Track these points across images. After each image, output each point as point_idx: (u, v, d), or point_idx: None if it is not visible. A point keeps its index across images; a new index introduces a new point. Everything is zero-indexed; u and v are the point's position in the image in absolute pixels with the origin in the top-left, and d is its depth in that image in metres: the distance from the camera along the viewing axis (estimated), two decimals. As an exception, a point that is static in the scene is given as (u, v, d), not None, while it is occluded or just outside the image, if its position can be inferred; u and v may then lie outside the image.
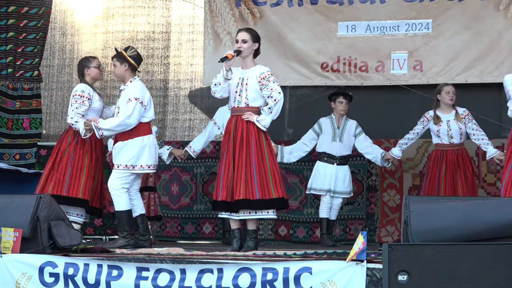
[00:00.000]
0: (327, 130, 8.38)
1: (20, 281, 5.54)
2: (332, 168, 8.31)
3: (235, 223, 6.64)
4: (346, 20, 9.41)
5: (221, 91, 6.63)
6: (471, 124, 7.97)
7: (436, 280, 4.57)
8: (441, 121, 8.00)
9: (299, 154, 8.45)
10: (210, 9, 9.79)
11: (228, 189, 6.49)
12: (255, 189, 6.44)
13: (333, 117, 8.42)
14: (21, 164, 9.78)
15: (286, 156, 8.40)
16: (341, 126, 8.40)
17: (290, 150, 8.42)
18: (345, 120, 8.41)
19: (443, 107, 8.05)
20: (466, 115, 8.00)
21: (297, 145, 8.47)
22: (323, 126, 8.40)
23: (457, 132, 7.97)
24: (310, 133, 8.44)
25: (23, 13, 10.09)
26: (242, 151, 6.51)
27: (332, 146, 8.35)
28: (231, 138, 6.58)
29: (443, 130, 7.99)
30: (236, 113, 6.64)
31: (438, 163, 7.99)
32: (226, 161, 6.55)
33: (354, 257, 4.92)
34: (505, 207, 5.14)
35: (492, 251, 4.59)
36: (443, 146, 8.02)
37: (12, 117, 10.08)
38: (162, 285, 5.30)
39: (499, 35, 8.97)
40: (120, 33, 10.28)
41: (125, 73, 7.14)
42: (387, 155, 8.27)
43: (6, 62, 10.07)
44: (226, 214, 6.58)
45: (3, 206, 5.95)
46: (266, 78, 6.58)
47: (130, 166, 7.00)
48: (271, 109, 6.56)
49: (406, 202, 5.21)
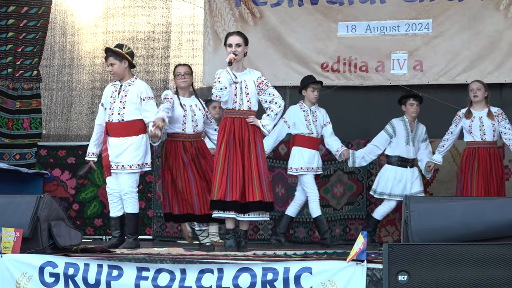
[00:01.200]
0: (401, 132, 8.30)
1: (21, 281, 5.54)
2: (407, 172, 8.25)
3: (232, 223, 6.65)
4: (346, 20, 9.41)
5: (227, 95, 6.63)
6: (504, 122, 7.93)
7: (436, 280, 4.57)
8: (473, 117, 7.98)
9: (370, 158, 8.40)
10: (210, 9, 9.79)
11: (239, 190, 6.50)
12: (265, 191, 6.55)
13: (405, 119, 8.34)
14: (21, 164, 9.78)
15: (358, 161, 8.34)
16: (414, 130, 8.34)
17: (362, 154, 8.35)
18: (416, 124, 8.38)
19: (475, 105, 8.03)
20: (500, 113, 7.98)
21: (369, 149, 8.38)
22: (397, 128, 8.32)
23: (490, 128, 7.95)
24: (383, 136, 8.34)
25: (23, 13, 10.09)
26: (251, 154, 6.57)
27: (407, 150, 8.28)
28: (237, 139, 6.59)
29: (475, 126, 7.96)
30: (238, 115, 6.66)
31: (470, 161, 7.94)
32: (233, 163, 6.54)
33: (355, 257, 4.92)
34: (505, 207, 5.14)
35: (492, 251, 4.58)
36: (475, 143, 7.97)
37: (12, 117, 10.08)
38: (162, 285, 5.30)
39: (499, 35, 8.97)
40: (120, 33, 10.28)
41: (125, 71, 7.11)
42: (429, 162, 8.22)
43: (6, 62, 10.07)
44: (232, 214, 6.57)
45: (3, 206, 5.95)
46: (264, 83, 6.71)
47: (141, 165, 6.99)
48: (277, 115, 6.71)
49: (406, 202, 5.22)
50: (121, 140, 6.98)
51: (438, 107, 8.91)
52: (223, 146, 6.61)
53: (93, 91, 10.37)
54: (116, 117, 7.00)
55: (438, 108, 8.91)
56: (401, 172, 8.25)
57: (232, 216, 6.58)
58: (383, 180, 8.31)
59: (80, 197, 9.74)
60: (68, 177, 9.78)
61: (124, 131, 6.98)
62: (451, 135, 8.13)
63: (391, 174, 8.27)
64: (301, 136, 8.32)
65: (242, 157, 6.55)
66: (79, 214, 9.67)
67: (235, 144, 6.58)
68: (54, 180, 9.79)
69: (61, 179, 9.79)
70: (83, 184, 9.73)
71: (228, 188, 6.51)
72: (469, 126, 7.95)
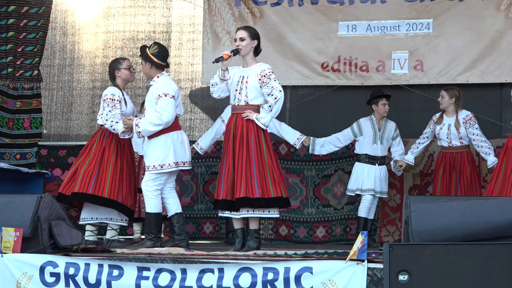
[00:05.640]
0: (368, 131, 8.35)
1: (21, 281, 5.54)
2: (375, 168, 8.29)
3: (238, 223, 6.63)
4: (347, 20, 9.40)
5: (218, 91, 6.62)
6: (472, 129, 7.96)
7: (437, 280, 4.57)
8: (443, 124, 8.04)
9: (330, 148, 8.44)
10: (209, 9, 9.78)
11: (228, 188, 6.48)
12: (255, 187, 6.44)
13: (373, 118, 8.39)
14: (21, 164, 9.78)
15: (317, 148, 8.39)
16: (382, 128, 8.38)
17: (323, 143, 8.41)
18: (385, 122, 8.41)
19: (446, 111, 8.12)
20: (468, 119, 8.00)
21: (330, 138, 8.45)
22: (363, 127, 8.38)
23: (456, 136, 8.00)
24: (348, 133, 8.41)
25: (23, 13, 10.09)
26: (242, 150, 6.51)
27: (374, 148, 8.33)
28: (231, 137, 6.58)
29: (443, 133, 8.04)
30: (236, 111, 6.65)
31: (438, 164, 8.11)
32: (226, 160, 6.55)
33: (354, 256, 4.93)
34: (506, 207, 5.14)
35: (492, 251, 4.59)
36: (444, 148, 8.10)
37: (12, 117, 10.08)
38: (163, 285, 5.30)
39: (500, 35, 8.97)
40: (120, 33, 10.28)
41: (150, 71, 7.00)
42: (400, 162, 8.32)
43: (6, 61, 10.07)
44: (227, 213, 6.57)
45: (3, 206, 5.95)
46: (267, 76, 6.58)
47: (158, 166, 6.83)
48: (271, 107, 6.53)
49: (407, 202, 5.22)
50: (146, 142, 6.94)
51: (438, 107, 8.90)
52: (223, 144, 6.68)
53: (94, 90, 10.37)
54: None
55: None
56: (368, 168, 8.31)
57: (225, 215, 6.60)
58: (353, 177, 8.39)
59: (80, 197, 9.72)
60: (69, 177, 9.77)
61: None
62: (426, 139, 8.28)
63: (360, 170, 8.34)
64: None
65: (233, 154, 6.53)
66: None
67: (231, 142, 6.58)
68: (55, 180, 9.79)
69: (62, 179, 9.78)
70: (83, 184, 9.72)
71: (221, 186, 6.52)
72: (438, 134, 8.11)
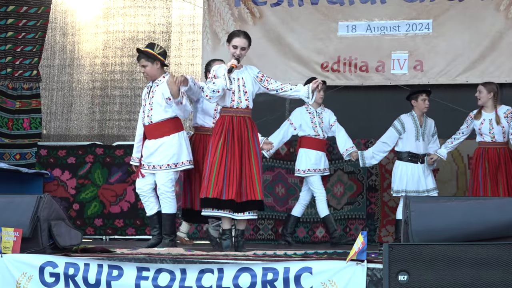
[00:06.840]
0: (410, 128, 8.23)
1: (21, 281, 5.54)
2: (418, 167, 8.19)
3: (228, 223, 6.65)
4: (347, 20, 9.41)
5: (217, 98, 6.62)
6: None
7: (436, 280, 4.56)
8: (483, 119, 7.96)
9: (381, 156, 8.33)
10: (208, 9, 9.79)
11: (235, 189, 6.49)
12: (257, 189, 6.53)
13: (414, 114, 8.28)
14: (21, 164, 9.79)
15: (368, 161, 8.28)
16: (423, 125, 8.27)
17: (371, 155, 8.28)
18: (425, 118, 8.32)
19: (484, 107, 8.02)
20: (509, 113, 7.96)
21: (377, 147, 8.29)
22: (405, 124, 8.26)
23: (500, 130, 7.93)
24: (392, 133, 8.25)
25: (22, 13, 10.09)
26: (250, 152, 6.58)
27: (417, 145, 8.21)
28: (236, 138, 6.57)
29: (485, 128, 7.96)
30: (236, 114, 6.64)
31: (480, 161, 7.95)
32: (231, 160, 6.53)
33: (354, 256, 4.92)
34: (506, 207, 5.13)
35: (492, 251, 4.58)
36: (485, 144, 7.97)
37: (12, 117, 10.08)
38: (162, 285, 5.30)
39: (500, 36, 8.98)
40: (120, 33, 10.29)
41: (157, 71, 6.97)
42: (432, 155, 8.20)
43: (5, 61, 10.08)
44: (225, 212, 6.57)
45: (3, 206, 5.94)
46: (265, 76, 6.74)
47: (173, 165, 6.84)
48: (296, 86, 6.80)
49: (406, 202, 5.21)
50: (153, 142, 6.89)
51: (438, 107, 8.91)
52: (221, 144, 6.57)
53: (93, 91, 10.38)
54: (147, 119, 6.92)
55: (438, 108, 8.91)
56: (411, 167, 8.20)
57: (227, 215, 6.59)
58: (397, 177, 8.25)
59: (80, 197, 9.74)
60: (68, 177, 9.79)
61: (156, 132, 6.87)
62: (462, 135, 8.14)
63: (403, 170, 8.20)
64: (307, 138, 8.32)
65: (240, 155, 6.54)
66: (79, 214, 9.67)
67: (233, 143, 6.56)
68: (54, 180, 9.79)
69: (61, 179, 9.79)
70: (83, 184, 9.74)
71: (224, 186, 6.51)
72: (479, 129, 7.97)
